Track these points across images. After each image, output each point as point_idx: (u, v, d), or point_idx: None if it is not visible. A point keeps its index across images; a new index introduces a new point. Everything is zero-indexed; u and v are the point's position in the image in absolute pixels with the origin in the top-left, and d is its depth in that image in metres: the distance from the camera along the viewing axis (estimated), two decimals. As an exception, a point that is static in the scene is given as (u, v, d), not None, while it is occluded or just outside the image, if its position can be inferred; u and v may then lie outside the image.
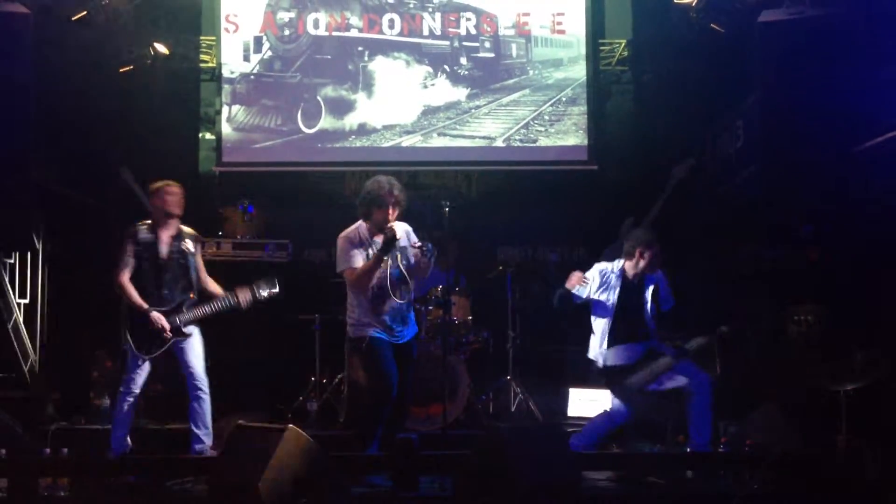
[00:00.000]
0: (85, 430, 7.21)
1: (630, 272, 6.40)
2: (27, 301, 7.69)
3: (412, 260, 5.95)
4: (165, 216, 6.25)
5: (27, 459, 5.75)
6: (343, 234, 5.96)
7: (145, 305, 6.11)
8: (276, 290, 6.48)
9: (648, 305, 6.38)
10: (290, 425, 5.07)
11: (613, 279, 6.39)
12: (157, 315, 6.09)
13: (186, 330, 6.18)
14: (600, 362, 6.35)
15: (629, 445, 6.65)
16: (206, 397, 6.20)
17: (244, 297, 6.31)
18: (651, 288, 6.42)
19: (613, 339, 6.31)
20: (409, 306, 6.04)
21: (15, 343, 7.32)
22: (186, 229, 6.38)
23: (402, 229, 5.87)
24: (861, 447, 5.47)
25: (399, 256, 5.88)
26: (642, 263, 6.36)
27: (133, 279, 6.18)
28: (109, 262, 7.59)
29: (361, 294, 5.84)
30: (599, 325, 6.38)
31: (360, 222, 5.95)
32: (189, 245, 6.32)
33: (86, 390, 7.53)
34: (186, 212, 6.39)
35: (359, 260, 5.82)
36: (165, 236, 6.25)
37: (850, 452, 5.43)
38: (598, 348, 6.38)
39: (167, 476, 5.73)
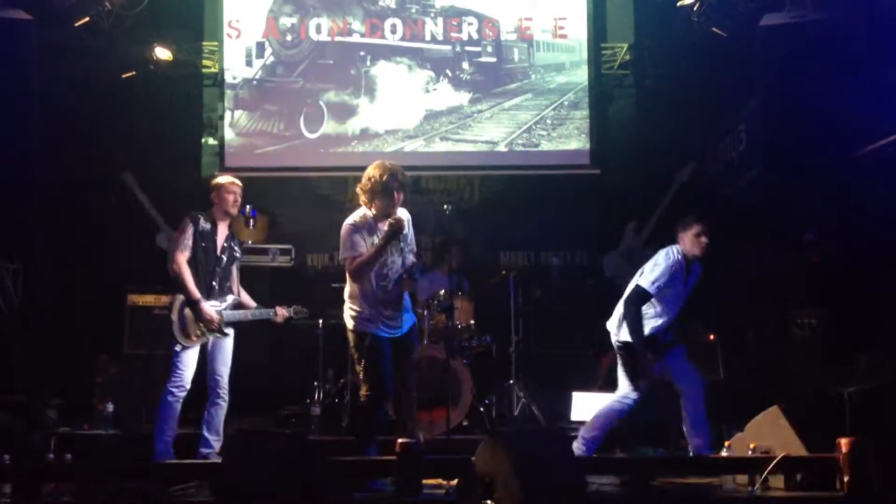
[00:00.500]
0: (88, 435, 7.21)
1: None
2: (30, 306, 7.69)
3: (411, 246, 5.88)
4: (224, 214, 6.30)
5: (30, 465, 5.75)
6: (348, 220, 5.78)
7: (198, 294, 6.07)
8: (306, 312, 6.74)
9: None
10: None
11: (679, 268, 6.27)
12: (207, 306, 6.09)
13: (226, 330, 6.21)
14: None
15: (633, 450, 6.65)
16: (225, 405, 6.22)
17: (282, 313, 6.46)
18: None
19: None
20: (406, 293, 5.97)
21: (19, 348, 7.32)
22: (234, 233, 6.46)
23: (404, 216, 5.76)
24: (865, 450, 5.46)
25: (402, 246, 5.79)
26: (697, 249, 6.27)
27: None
28: (112, 266, 7.65)
29: (366, 283, 5.72)
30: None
31: (363, 209, 5.78)
32: (237, 248, 6.39)
33: (89, 395, 7.53)
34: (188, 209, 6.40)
35: (362, 248, 5.68)
36: (221, 232, 6.29)
37: (854, 456, 5.42)
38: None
39: (170, 481, 5.72)
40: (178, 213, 6.56)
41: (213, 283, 6.21)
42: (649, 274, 6.18)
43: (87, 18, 7.92)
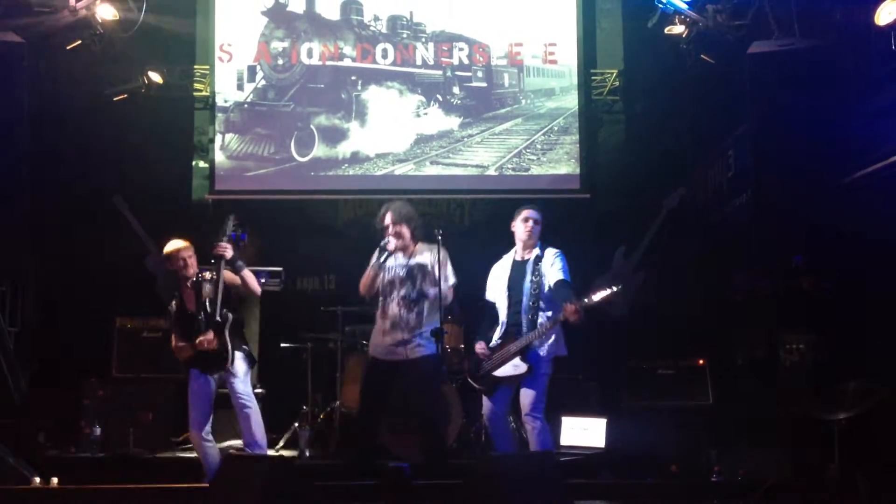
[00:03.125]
0: (76, 458, 7.17)
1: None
2: (18, 329, 7.66)
3: (428, 289, 6.28)
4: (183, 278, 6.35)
5: (17, 489, 5.71)
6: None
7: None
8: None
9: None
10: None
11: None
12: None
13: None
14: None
15: (621, 474, 6.64)
16: (250, 412, 6.24)
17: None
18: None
19: None
20: (416, 318, 6.22)
21: (6, 371, 7.28)
22: None
23: (427, 250, 6.35)
24: (853, 476, 5.46)
25: (416, 272, 6.27)
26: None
27: None
28: (101, 289, 7.62)
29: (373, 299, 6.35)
30: None
31: None
32: (208, 279, 6.36)
33: (77, 419, 7.49)
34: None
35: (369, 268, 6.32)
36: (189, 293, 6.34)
37: (843, 481, 5.42)
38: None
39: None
40: (168, 237, 6.55)
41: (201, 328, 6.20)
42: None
43: (79, 42, 7.93)
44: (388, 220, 6.27)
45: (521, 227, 6.36)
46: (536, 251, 6.31)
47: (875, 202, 6.43)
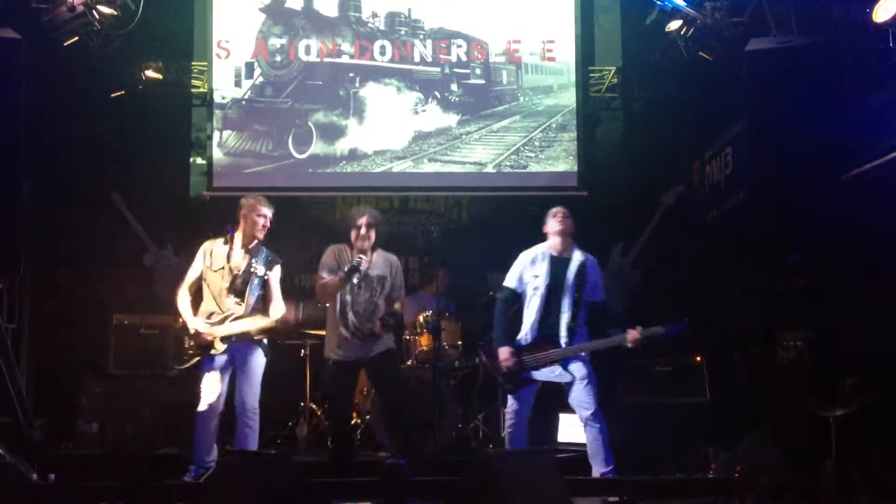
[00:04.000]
0: (72, 455, 7.17)
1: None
2: (15, 326, 7.66)
3: (388, 291, 6.37)
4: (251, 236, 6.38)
5: (14, 485, 5.71)
6: (331, 246, 6.49)
7: (185, 318, 6.20)
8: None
9: None
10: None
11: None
12: (193, 325, 6.17)
13: (218, 345, 6.19)
14: None
15: (618, 470, 6.63)
16: (250, 431, 6.19)
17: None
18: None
19: None
20: (371, 324, 6.28)
21: (3, 368, 7.27)
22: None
23: (385, 262, 6.38)
24: (850, 473, 5.47)
25: (376, 285, 6.33)
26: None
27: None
28: (99, 286, 7.61)
29: (329, 306, 6.36)
30: None
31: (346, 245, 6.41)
32: (259, 266, 6.33)
33: (74, 416, 7.49)
34: (176, 236, 6.40)
35: (325, 272, 6.35)
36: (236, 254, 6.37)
37: (840, 478, 5.42)
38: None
39: (156, 502, 5.69)
40: (165, 233, 6.55)
41: (223, 301, 6.22)
42: None
43: (77, 38, 7.91)
44: (365, 220, 6.30)
45: (551, 221, 6.36)
46: (577, 253, 6.31)
47: (872, 199, 6.43)
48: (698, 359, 7.54)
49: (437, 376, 7.06)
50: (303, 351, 8.02)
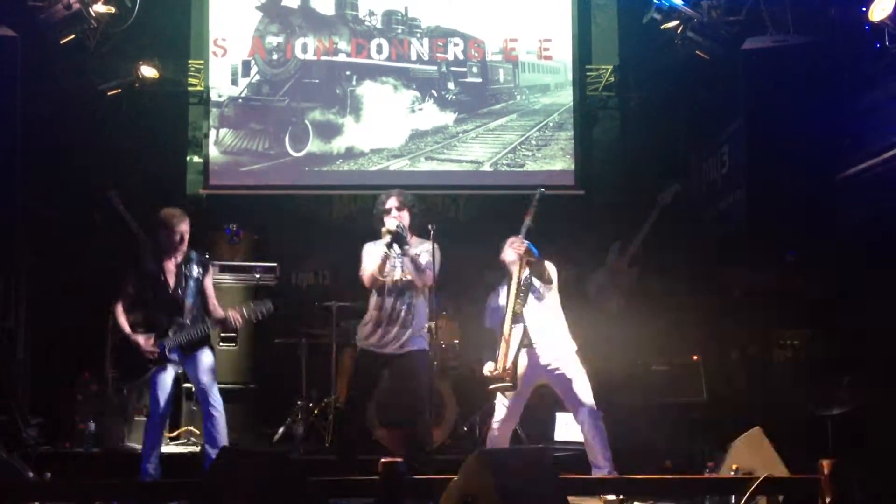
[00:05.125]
0: (70, 454, 7.16)
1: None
2: (12, 324, 7.64)
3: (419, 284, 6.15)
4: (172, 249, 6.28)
5: (11, 484, 5.70)
6: (367, 242, 6.27)
7: (127, 330, 6.14)
8: (269, 308, 6.42)
9: None
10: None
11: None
12: (135, 339, 6.12)
13: (170, 356, 6.16)
14: None
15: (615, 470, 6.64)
16: (219, 415, 6.17)
17: (233, 315, 6.27)
18: None
19: None
20: (409, 312, 6.15)
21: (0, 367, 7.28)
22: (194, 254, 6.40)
23: (420, 243, 6.15)
24: (847, 472, 5.47)
25: (413, 269, 6.09)
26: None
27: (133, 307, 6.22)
28: (95, 285, 7.59)
29: (375, 293, 6.16)
30: None
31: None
32: (194, 269, 6.30)
33: (70, 414, 7.48)
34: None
35: (373, 257, 6.10)
36: (170, 266, 6.27)
37: (837, 477, 5.43)
38: None
39: (151, 500, 5.68)
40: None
41: (161, 317, 6.18)
42: None
43: (73, 36, 7.89)
44: (392, 203, 6.13)
45: (507, 250, 6.46)
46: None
47: (869, 198, 6.45)
48: (695, 358, 7.55)
49: (432, 375, 7.07)
50: (299, 349, 8.01)
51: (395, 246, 5.99)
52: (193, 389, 6.32)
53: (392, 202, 6.13)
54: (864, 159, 6.46)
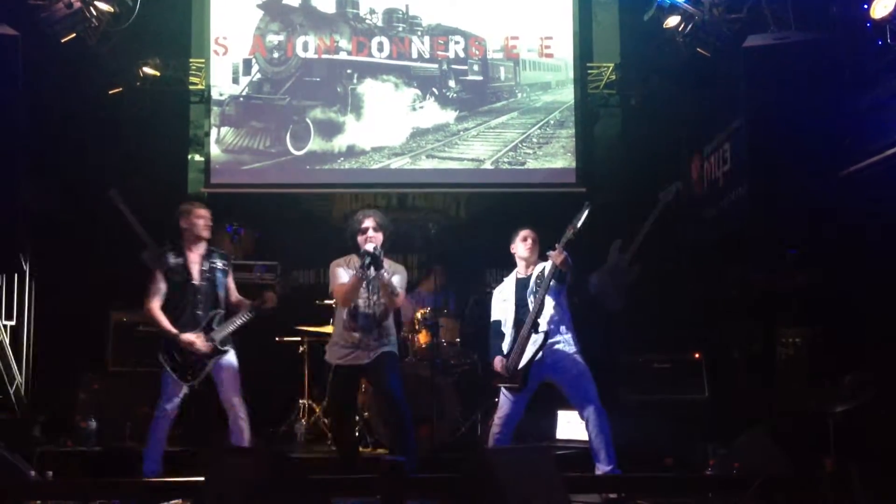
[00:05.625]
0: (71, 452, 7.17)
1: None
2: (14, 323, 7.65)
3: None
4: (196, 238, 6.28)
5: (12, 482, 5.70)
6: (335, 261, 6.23)
7: (174, 330, 6.10)
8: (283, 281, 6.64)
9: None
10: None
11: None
12: (185, 335, 6.08)
13: (222, 347, 6.16)
14: None
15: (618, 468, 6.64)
16: (244, 426, 6.14)
17: (270, 297, 6.33)
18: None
19: None
20: (382, 326, 6.16)
21: (1, 365, 7.28)
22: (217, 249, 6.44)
23: (392, 267, 6.13)
24: (849, 470, 5.47)
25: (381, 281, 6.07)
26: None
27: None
28: (97, 283, 7.58)
29: (344, 310, 6.15)
30: None
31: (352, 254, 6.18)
32: (218, 264, 6.32)
33: (72, 412, 7.49)
34: (176, 232, 6.38)
35: (344, 278, 6.10)
36: (194, 258, 6.26)
37: (839, 476, 5.42)
38: None
39: (154, 499, 5.68)
40: (163, 230, 6.54)
41: (198, 312, 6.18)
42: None
43: (74, 35, 7.90)
44: (369, 222, 6.11)
45: (521, 246, 6.43)
46: (540, 266, 6.32)
47: (870, 196, 6.44)
48: (697, 356, 7.55)
49: (435, 373, 7.08)
50: (301, 347, 8.01)
51: (372, 269, 5.97)
52: (220, 399, 6.24)
53: (369, 222, 6.11)
54: (866, 157, 6.45)
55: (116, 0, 8.04)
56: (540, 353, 6.13)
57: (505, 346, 6.29)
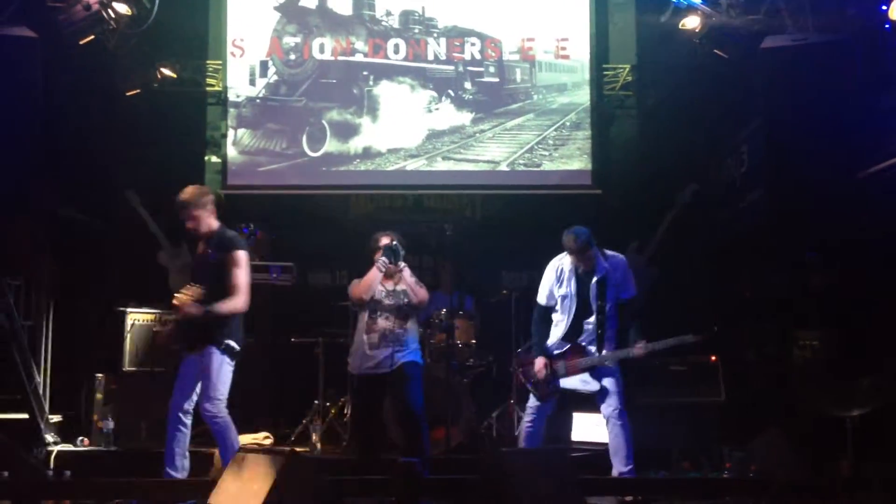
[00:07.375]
0: (88, 452, 7.20)
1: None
2: (32, 323, 7.69)
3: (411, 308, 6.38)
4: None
5: (30, 482, 5.74)
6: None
7: None
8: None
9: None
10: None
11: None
12: None
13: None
14: None
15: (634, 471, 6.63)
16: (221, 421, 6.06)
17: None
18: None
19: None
20: (403, 332, 6.29)
21: (20, 365, 7.31)
22: None
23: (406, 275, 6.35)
24: (866, 473, 5.44)
25: (403, 298, 6.31)
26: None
27: None
28: (114, 283, 7.60)
29: (360, 310, 6.36)
30: None
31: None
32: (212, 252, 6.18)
33: (88, 412, 7.52)
34: (191, 234, 6.36)
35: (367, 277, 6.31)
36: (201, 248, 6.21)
37: (856, 478, 5.40)
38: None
39: (167, 499, 5.70)
40: (179, 231, 6.56)
41: None
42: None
43: (92, 37, 7.94)
44: (386, 240, 6.32)
45: (569, 244, 6.32)
46: (600, 263, 6.29)
47: (888, 198, 6.40)
48: (713, 358, 7.50)
49: (450, 374, 7.07)
50: (316, 348, 8.02)
51: (392, 259, 6.22)
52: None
53: (385, 241, 6.33)
54: (885, 158, 6.42)
55: (134, 2, 8.07)
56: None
57: (553, 341, 6.27)
